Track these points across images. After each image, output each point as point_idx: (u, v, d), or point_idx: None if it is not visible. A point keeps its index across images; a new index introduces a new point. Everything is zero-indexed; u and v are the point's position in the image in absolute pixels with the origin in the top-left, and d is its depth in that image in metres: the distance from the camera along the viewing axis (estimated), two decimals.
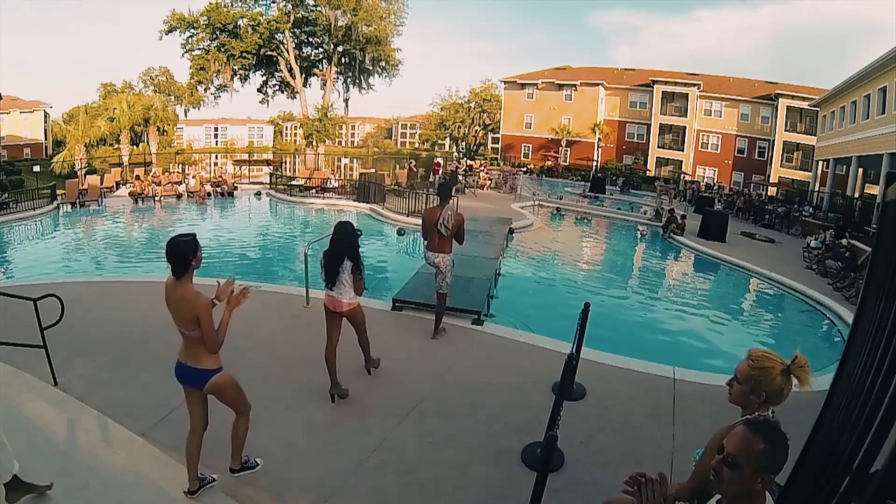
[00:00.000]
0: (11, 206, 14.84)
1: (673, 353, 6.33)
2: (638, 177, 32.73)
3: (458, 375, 4.94)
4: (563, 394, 3.31)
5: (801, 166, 33.87)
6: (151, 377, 4.42)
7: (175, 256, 2.79)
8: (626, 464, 3.64)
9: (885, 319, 1.58)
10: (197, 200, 17.92)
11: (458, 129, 53.94)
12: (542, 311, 7.88)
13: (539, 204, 18.33)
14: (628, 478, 1.68)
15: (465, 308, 6.34)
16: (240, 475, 3.18)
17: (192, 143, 59.92)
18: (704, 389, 4.84)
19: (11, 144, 39.16)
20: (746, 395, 1.96)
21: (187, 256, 2.80)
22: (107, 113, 27.62)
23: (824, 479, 1.62)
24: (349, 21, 33.97)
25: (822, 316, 8.86)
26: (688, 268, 13.05)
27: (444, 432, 3.97)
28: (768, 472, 1.48)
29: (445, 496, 3.30)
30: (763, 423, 1.56)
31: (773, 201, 24.03)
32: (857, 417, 1.51)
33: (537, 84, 40.80)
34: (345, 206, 17.54)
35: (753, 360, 1.97)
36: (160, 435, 3.68)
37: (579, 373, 4.13)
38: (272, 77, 37.96)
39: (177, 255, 2.79)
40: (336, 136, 53.81)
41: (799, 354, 1.94)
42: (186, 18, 33.79)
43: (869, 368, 1.58)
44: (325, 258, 4.15)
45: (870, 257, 2.38)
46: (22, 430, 3.47)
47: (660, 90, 37.44)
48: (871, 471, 1.24)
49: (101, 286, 7.43)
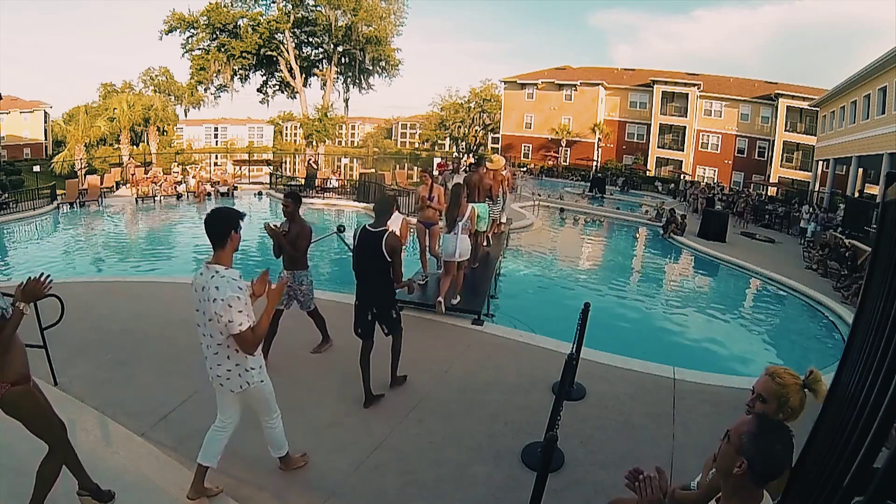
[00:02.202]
0: (11, 205, 14.83)
1: (673, 353, 6.32)
2: (638, 177, 32.73)
3: (458, 375, 4.94)
4: (563, 394, 3.31)
5: (801, 166, 33.85)
6: (151, 377, 4.42)
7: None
8: (625, 464, 3.62)
9: (885, 320, 1.58)
10: (197, 200, 17.92)
11: (458, 129, 53.93)
12: (542, 311, 7.88)
13: (539, 204, 18.33)
14: (627, 472, 1.69)
15: (465, 308, 6.34)
16: None
17: (192, 143, 59.96)
18: (704, 389, 4.84)
19: (11, 144, 39.18)
20: (775, 414, 1.95)
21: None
22: (107, 113, 27.64)
23: (825, 479, 1.62)
24: (349, 21, 33.96)
25: (822, 316, 8.86)
26: (688, 268, 13.05)
27: (444, 432, 3.97)
28: (748, 459, 1.46)
29: (445, 496, 3.30)
30: (772, 420, 1.57)
31: (773, 201, 24.03)
32: (856, 417, 1.51)
33: (537, 84, 40.78)
34: (345, 205, 17.53)
35: (779, 378, 1.98)
36: (160, 435, 3.68)
37: (579, 373, 4.14)
38: (272, 77, 37.94)
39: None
40: (336, 136, 53.77)
41: (814, 369, 1.97)
42: (186, 18, 33.77)
43: (868, 369, 1.58)
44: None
45: (869, 257, 2.38)
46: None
47: (660, 90, 37.43)
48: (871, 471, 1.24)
49: (101, 286, 7.43)
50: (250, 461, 3.50)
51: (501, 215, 9.31)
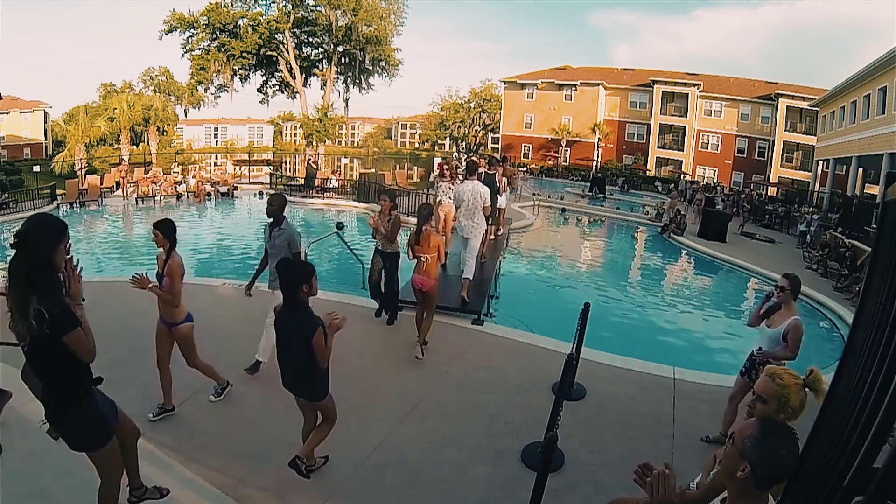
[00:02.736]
0: (11, 205, 14.85)
1: (673, 353, 6.33)
2: (638, 177, 32.72)
3: (458, 375, 4.94)
4: (563, 394, 3.32)
5: (801, 166, 33.84)
6: (151, 377, 4.41)
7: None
8: (626, 464, 3.62)
9: (885, 319, 1.58)
10: (196, 200, 17.91)
11: (458, 129, 53.90)
12: (542, 311, 7.88)
13: (539, 204, 18.33)
14: (637, 466, 1.66)
15: (466, 308, 6.34)
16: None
17: (192, 143, 59.96)
18: (704, 389, 4.84)
19: (11, 144, 39.17)
20: (775, 414, 1.95)
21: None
22: (107, 113, 27.64)
23: (825, 479, 1.62)
24: (349, 21, 33.97)
25: (823, 316, 8.86)
26: (688, 268, 13.05)
27: (444, 432, 3.97)
28: (751, 463, 1.46)
29: (445, 496, 3.30)
30: (776, 423, 1.57)
31: (774, 201, 24.02)
32: (857, 417, 1.51)
33: (537, 84, 40.77)
34: (345, 205, 17.54)
35: (779, 378, 1.98)
36: (160, 435, 3.68)
37: (579, 373, 4.14)
38: (272, 77, 37.95)
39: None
40: (336, 136, 53.78)
41: (814, 368, 1.97)
42: (186, 18, 33.78)
43: (869, 368, 1.58)
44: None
45: (869, 257, 2.38)
46: (22, 430, 3.47)
47: (660, 90, 37.41)
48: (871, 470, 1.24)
49: (102, 286, 7.42)
50: (250, 461, 3.51)
51: (500, 216, 9.35)
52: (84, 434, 2.39)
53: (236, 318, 5.99)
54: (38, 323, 2.03)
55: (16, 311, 2.09)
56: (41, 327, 2.04)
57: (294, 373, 3.09)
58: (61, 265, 2.21)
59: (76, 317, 2.16)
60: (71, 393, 2.31)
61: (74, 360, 2.22)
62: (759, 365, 3.69)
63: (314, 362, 2.95)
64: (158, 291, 3.71)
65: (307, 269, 3.06)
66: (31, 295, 2.05)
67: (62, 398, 2.31)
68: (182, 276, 3.76)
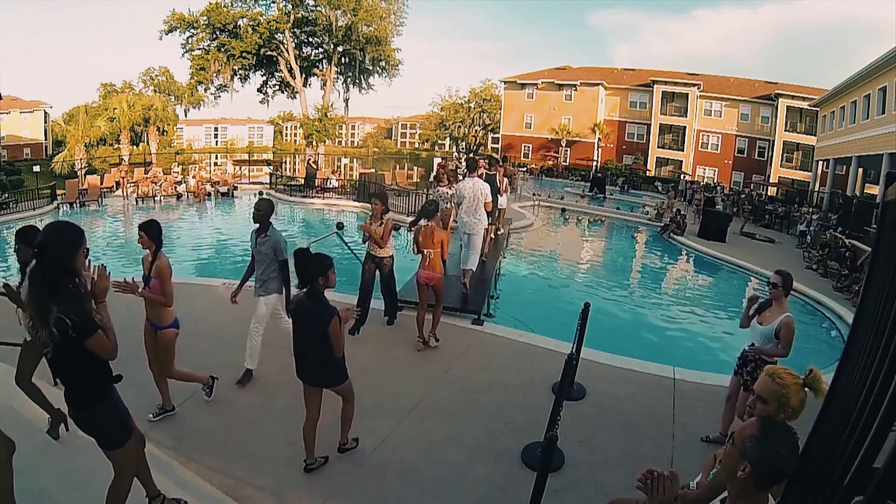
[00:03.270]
0: (11, 205, 14.85)
1: (673, 353, 6.33)
2: (638, 177, 32.72)
3: (458, 375, 4.94)
4: (563, 394, 3.32)
5: (801, 166, 33.85)
6: (151, 377, 4.41)
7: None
8: (626, 464, 3.64)
9: (885, 319, 1.58)
10: (196, 200, 17.92)
11: (458, 129, 53.91)
12: (542, 311, 7.88)
13: (539, 204, 18.33)
14: (640, 474, 1.66)
15: (465, 308, 6.34)
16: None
17: (192, 143, 59.96)
18: (704, 389, 4.84)
19: (11, 144, 39.18)
20: (775, 414, 1.95)
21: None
22: (107, 113, 27.64)
23: (825, 478, 1.62)
24: (349, 21, 33.96)
25: (822, 316, 8.86)
26: (687, 268, 13.05)
27: (444, 432, 3.97)
28: (751, 463, 1.45)
29: (445, 496, 3.30)
30: (776, 423, 1.57)
31: (773, 201, 24.01)
32: (856, 417, 1.51)
33: (537, 84, 40.77)
34: (345, 205, 17.54)
35: (779, 378, 1.98)
36: (160, 435, 3.68)
37: (579, 373, 4.14)
38: (272, 77, 37.95)
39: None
40: (336, 136, 53.77)
41: (814, 368, 1.97)
42: (186, 18, 33.79)
43: (869, 368, 1.57)
44: None
45: (869, 257, 2.38)
46: (22, 430, 3.47)
47: (660, 90, 37.42)
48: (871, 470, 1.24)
49: None
50: (250, 461, 3.51)
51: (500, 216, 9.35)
52: (113, 428, 2.46)
53: (236, 318, 5.97)
54: (59, 330, 2.09)
55: (37, 319, 2.15)
56: (63, 334, 2.10)
57: (317, 364, 3.20)
58: (81, 271, 2.26)
59: (95, 321, 2.24)
60: (96, 389, 2.40)
61: (97, 359, 2.31)
62: (751, 361, 3.69)
63: (332, 350, 3.08)
64: (150, 295, 3.65)
65: (324, 263, 3.16)
66: (51, 303, 2.10)
67: (88, 396, 2.39)
68: (170, 277, 3.70)
